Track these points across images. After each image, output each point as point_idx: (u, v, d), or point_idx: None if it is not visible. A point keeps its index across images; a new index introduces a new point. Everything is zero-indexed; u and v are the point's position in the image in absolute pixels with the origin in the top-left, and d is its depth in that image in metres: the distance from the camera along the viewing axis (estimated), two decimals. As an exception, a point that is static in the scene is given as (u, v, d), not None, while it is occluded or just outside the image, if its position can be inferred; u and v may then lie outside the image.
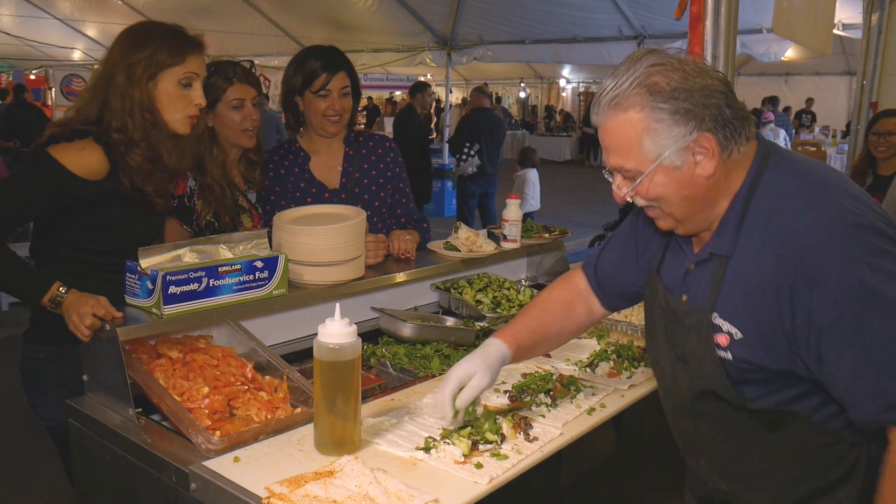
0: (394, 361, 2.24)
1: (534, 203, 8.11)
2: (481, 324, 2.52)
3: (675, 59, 1.31)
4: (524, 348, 1.69)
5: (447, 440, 1.56)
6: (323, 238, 2.12)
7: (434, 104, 12.92)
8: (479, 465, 1.49)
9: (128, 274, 1.86)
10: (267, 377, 1.88)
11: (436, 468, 1.50)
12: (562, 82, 22.36)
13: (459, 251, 2.69)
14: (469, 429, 1.60)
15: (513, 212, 2.86)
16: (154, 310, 1.80)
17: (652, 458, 2.32)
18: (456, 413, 1.58)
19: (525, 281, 3.15)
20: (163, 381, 1.73)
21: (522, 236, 2.90)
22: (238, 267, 1.92)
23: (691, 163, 1.30)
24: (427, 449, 1.55)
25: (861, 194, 1.30)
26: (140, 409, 1.71)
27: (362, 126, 16.13)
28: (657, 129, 1.29)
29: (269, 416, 1.74)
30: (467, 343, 2.42)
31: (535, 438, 1.63)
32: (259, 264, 1.97)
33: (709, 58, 3.02)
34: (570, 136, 19.60)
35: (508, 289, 2.80)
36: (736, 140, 1.31)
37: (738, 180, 1.34)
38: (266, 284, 1.99)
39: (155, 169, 1.98)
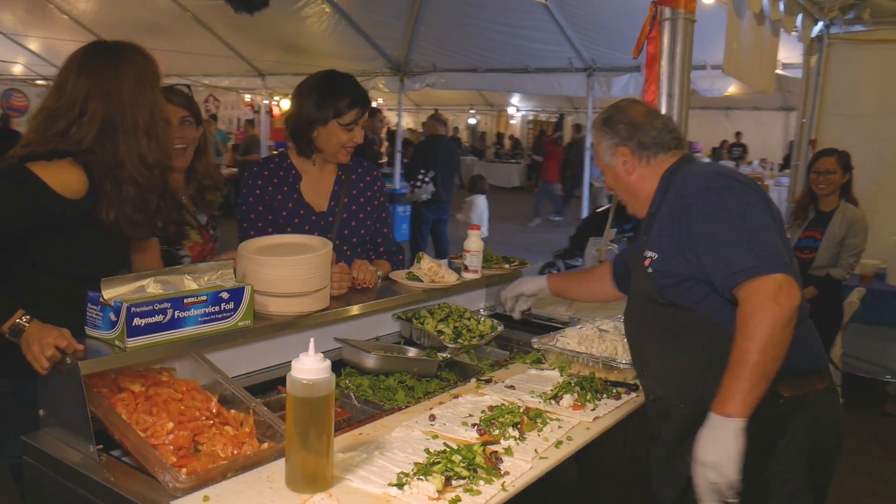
0: (358, 393, 2.23)
1: (483, 230, 8.17)
2: (443, 354, 2.53)
3: (633, 105, 2.11)
4: (559, 288, 2.70)
5: (421, 476, 1.56)
6: (289, 269, 2.10)
7: (385, 129, 12.98)
8: (454, 501, 1.50)
9: (89, 305, 1.81)
10: (232, 411, 1.85)
11: (410, 504, 1.49)
12: (511, 110, 22.70)
13: (421, 281, 2.70)
14: (440, 464, 1.60)
15: (474, 242, 2.88)
16: (117, 342, 1.75)
17: (612, 489, 2.35)
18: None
19: (484, 311, 3.17)
20: (125, 416, 1.68)
21: (482, 267, 2.93)
22: (204, 298, 1.89)
23: (620, 163, 2.06)
24: (400, 485, 1.54)
25: (739, 175, 1.94)
26: (101, 446, 1.66)
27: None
28: (602, 141, 2.09)
29: (235, 452, 1.71)
30: (429, 374, 2.42)
31: (507, 473, 1.64)
32: (225, 295, 1.94)
33: (664, 94, 3.14)
34: (519, 163, 19.86)
35: (469, 319, 2.82)
36: (651, 154, 2.04)
37: (662, 169, 2.02)
38: (231, 316, 1.96)
39: (141, 205, 2.00)
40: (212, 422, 1.78)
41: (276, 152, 3.17)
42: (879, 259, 5.19)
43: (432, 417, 1.94)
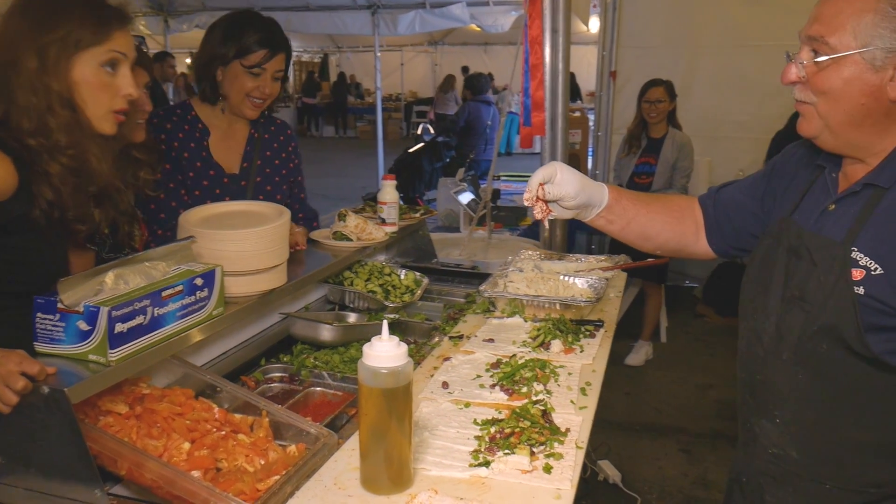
0: (331, 370, 2.02)
1: None
2: (392, 315, 2.38)
3: None
4: (620, 212, 1.65)
5: (506, 451, 1.45)
6: (254, 241, 1.81)
7: (181, 77, 11.80)
8: (547, 469, 1.41)
9: (40, 314, 1.41)
10: (237, 415, 1.57)
11: (509, 483, 1.38)
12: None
13: (350, 240, 2.49)
14: (522, 433, 1.49)
15: (389, 193, 2.71)
16: (93, 357, 1.39)
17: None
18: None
19: (385, 262, 3.02)
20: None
21: (391, 218, 2.77)
22: (180, 288, 1.57)
23: (890, 74, 1.21)
24: (486, 464, 1.42)
25: None
26: (108, 486, 1.33)
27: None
28: (883, 16, 1.19)
29: (262, 463, 1.46)
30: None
31: (568, 430, 1.58)
32: (199, 281, 1.63)
33: (548, 29, 3.14)
34: (289, 107, 19.09)
35: (389, 274, 2.66)
36: None
37: None
38: (206, 305, 1.66)
39: (81, 183, 1.53)
40: (223, 432, 1.50)
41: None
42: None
43: (445, 385, 1.81)
